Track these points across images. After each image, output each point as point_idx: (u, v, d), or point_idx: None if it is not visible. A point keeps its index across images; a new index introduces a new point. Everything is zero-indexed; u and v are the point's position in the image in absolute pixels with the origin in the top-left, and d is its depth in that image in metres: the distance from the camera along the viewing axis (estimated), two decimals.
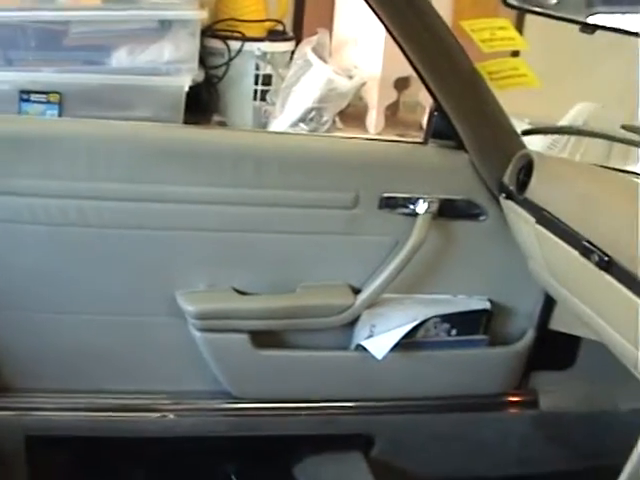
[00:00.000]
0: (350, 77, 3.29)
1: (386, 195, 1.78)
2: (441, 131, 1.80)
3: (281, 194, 1.74)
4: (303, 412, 1.91)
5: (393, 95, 3.61)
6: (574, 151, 2.66)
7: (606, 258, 1.42)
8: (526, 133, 1.91)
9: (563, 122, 2.70)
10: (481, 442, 2.00)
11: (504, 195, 1.78)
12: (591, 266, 1.45)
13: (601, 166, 1.94)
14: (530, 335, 1.94)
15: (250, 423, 1.92)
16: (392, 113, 3.70)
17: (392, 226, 1.80)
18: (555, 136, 2.66)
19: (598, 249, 1.44)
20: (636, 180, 1.67)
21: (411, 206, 1.78)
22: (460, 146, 1.79)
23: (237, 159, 1.72)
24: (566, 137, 2.69)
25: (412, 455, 2.01)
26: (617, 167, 1.88)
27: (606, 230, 1.48)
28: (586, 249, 1.47)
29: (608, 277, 1.42)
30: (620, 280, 1.39)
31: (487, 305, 1.89)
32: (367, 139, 2.80)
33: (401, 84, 3.54)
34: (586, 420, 2.01)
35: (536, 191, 1.69)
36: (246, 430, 1.92)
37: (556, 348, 2.00)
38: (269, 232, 1.77)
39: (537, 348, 1.96)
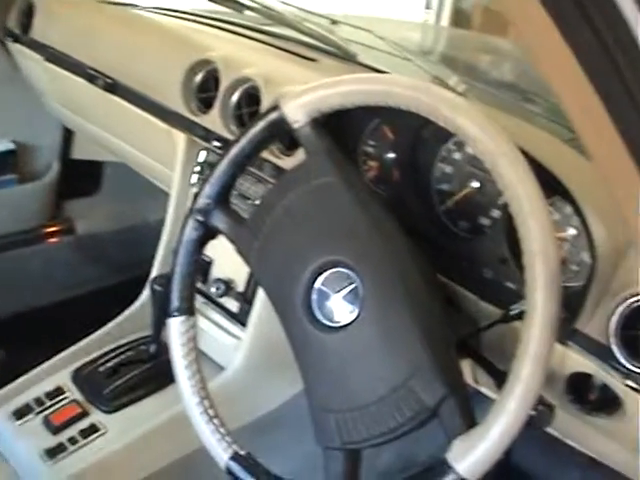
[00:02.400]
0: None
1: None
2: None
3: None
4: None
5: None
6: None
7: (110, 81, 1.58)
8: None
9: None
10: (28, 274, 2.08)
11: (10, 39, 1.83)
12: (99, 90, 1.61)
13: (99, 1, 2.04)
14: (56, 167, 2.05)
15: None
16: None
17: None
18: None
19: (102, 74, 1.60)
20: (132, 10, 1.81)
21: None
22: None
23: None
24: None
25: None
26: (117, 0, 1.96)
27: (108, 57, 1.63)
28: (91, 76, 1.62)
29: (115, 98, 1.59)
30: (125, 98, 1.58)
31: (12, 146, 1.95)
32: None
33: None
34: (120, 237, 2.21)
35: (40, 31, 1.77)
36: None
37: (82, 175, 2.13)
38: None
39: (64, 179, 2.08)
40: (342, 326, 0.88)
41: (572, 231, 1.04)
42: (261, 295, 1.33)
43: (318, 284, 0.90)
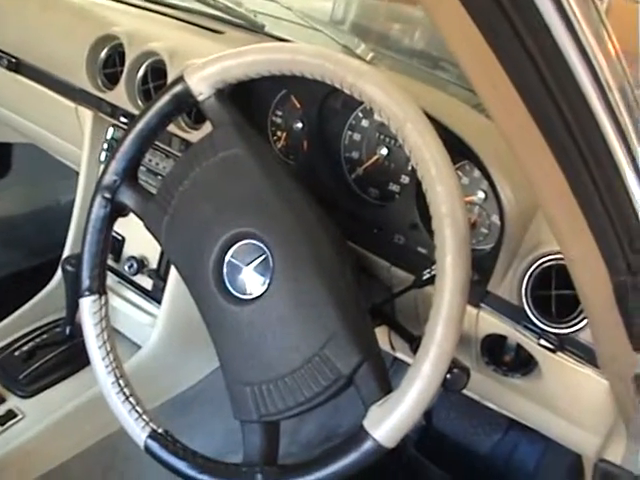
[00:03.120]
0: None
1: None
2: None
3: None
4: None
5: None
6: None
7: (14, 60, 1.53)
8: None
9: None
10: None
11: None
12: (3, 70, 1.56)
13: None
14: None
15: None
16: None
17: None
18: None
19: (5, 53, 1.55)
20: None
21: None
22: None
23: None
24: None
25: None
26: None
27: (10, 35, 1.58)
28: None
29: (20, 77, 1.55)
30: (31, 77, 1.53)
31: None
32: None
33: None
34: (32, 219, 2.14)
35: None
36: None
37: None
38: None
39: None
40: (254, 298, 0.87)
41: (481, 194, 1.05)
42: (174, 272, 1.31)
43: (228, 257, 0.89)
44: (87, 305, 0.99)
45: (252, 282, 0.88)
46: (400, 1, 3.49)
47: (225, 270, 0.89)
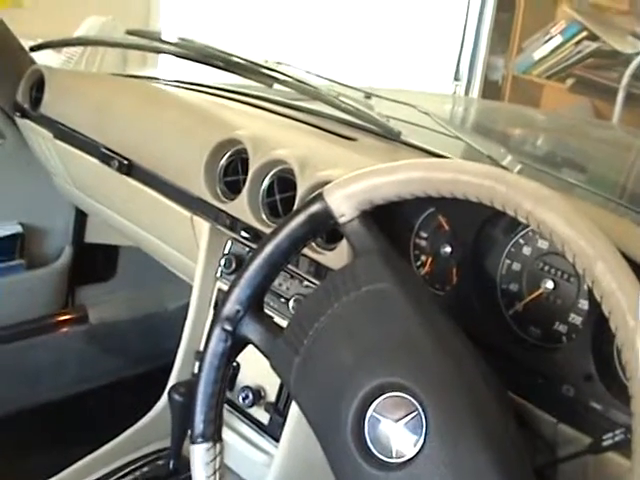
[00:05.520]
0: None
1: None
2: None
3: None
4: None
5: None
6: (90, 63, 2.64)
7: (126, 162, 1.45)
8: (35, 49, 1.83)
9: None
10: (39, 367, 1.95)
11: (19, 114, 1.71)
12: (113, 172, 1.47)
13: (115, 74, 1.95)
14: (68, 252, 1.93)
15: None
16: None
17: None
18: (70, 51, 2.61)
19: (117, 154, 1.47)
20: (151, 84, 1.71)
21: None
22: None
23: None
24: (81, 50, 2.65)
25: None
26: (134, 73, 1.88)
27: (123, 135, 1.49)
28: (106, 156, 1.48)
29: (131, 180, 1.46)
30: (143, 181, 1.44)
31: (19, 229, 1.82)
32: None
33: None
34: (137, 325, 2.06)
35: (50, 106, 1.65)
36: None
37: (96, 260, 2.01)
38: None
39: (77, 264, 1.95)
40: (402, 463, 0.72)
41: None
42: (295, 406, 1.17)
43: (371, 411, 0.75)
44: (200, 454, 0.87)
45: (399, 444, 0.72)
46: (520, 103, 3.43)
47: (367, 427, 0.75)
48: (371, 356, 0.77)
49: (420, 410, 0.72)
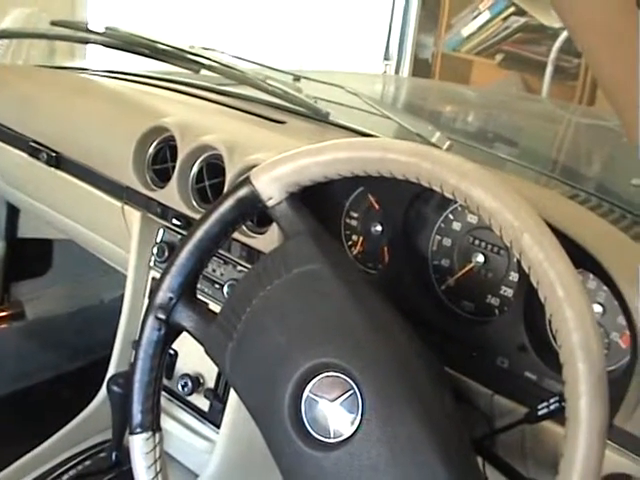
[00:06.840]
0: None
1: None
2: None
3: None
4: None
5: None
6: (16, 56, 2.58)
7: (54, 155, 1.42)
8: None
9: None
10: None
11: None
12: (42, 165, 1.44)
13: (42, 66, 1.91)
14: (1, 248, 1.89)
15: None
16: None
17: None
18: None
19: (45, 147, 1.44)
20: (78, 75, 1.67)
21: None
22: None
23: None
24: (6, 43, 2.59)
25: None
26: (62, 65, 1.84)
27: (51, 128, 1.46)
28: (34, 149, 1.45)
29: (60, 173, 1.43)
30: (72, 173, 1.41)
31: None
32: None
33: None
34: (74, 319, 2.03)
35: None
36: None
37: (30, 255, 1.97)
38: None
39: (10, 259, 1.91)
40: (340, 442, 0.73)
41: (598, 308, 0.90)
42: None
43: (307, 392, 0.75)
44: (139, 444, 0.86)
45: (337, 423, 0.73)
46: (450, 81, 3.46)
47: (303, 408, 0.75)
48: (304, 337, 0.77)
49: (355, 389, 0.73)
